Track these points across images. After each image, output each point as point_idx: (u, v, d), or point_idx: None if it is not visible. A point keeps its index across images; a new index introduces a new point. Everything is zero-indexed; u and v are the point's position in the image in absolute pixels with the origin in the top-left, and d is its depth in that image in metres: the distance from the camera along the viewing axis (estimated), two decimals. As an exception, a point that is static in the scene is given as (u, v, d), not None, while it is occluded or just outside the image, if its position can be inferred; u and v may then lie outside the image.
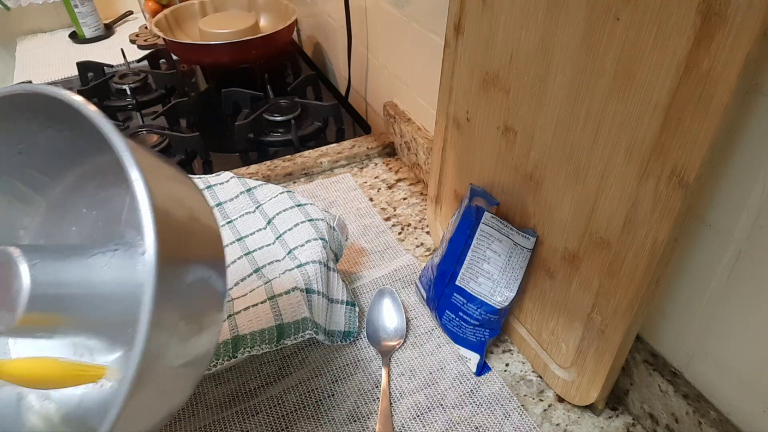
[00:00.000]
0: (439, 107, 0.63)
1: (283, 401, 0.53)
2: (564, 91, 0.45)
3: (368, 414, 0.52)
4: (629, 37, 0.38)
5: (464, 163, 0.61)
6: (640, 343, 0.48)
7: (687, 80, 0.34)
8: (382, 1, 0.83)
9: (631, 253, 0.41)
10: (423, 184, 0.81)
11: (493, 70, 0.53)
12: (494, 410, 0.51)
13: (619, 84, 0.39)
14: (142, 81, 1.11)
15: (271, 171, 0.83)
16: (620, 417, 0.51)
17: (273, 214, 0.62)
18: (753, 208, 0.37)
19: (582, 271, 0.47)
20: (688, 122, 0.35)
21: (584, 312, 0.48)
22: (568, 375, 0.51)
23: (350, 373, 0.55)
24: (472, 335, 0.54)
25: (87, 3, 1.35)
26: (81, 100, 0.30)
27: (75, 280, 0.35)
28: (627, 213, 0.41)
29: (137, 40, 1.35)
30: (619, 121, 0.40)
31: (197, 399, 0.53)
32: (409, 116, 0.83)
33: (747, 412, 0.41)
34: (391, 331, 0.58)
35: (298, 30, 1.36)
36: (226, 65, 1.10)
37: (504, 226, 0.53)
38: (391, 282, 0.64)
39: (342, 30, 1.02)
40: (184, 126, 1.01)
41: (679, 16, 0.34)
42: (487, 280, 0.53)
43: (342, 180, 0.83)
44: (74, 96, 0.30)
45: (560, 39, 0.44)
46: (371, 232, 0.73)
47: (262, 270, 0.59)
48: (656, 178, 0.38)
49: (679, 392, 0.44)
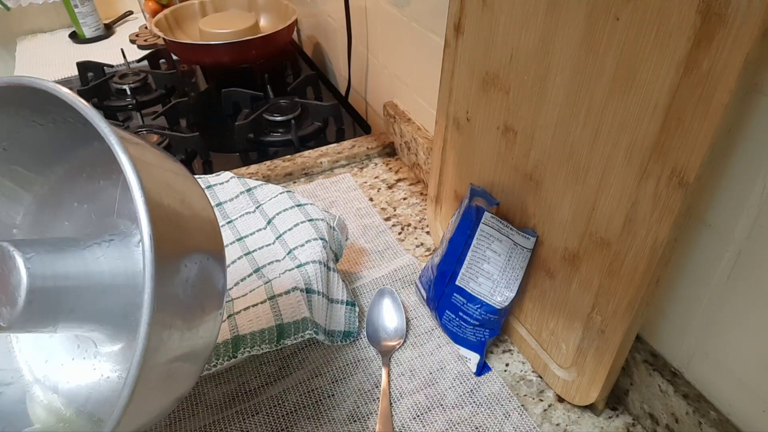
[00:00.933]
0: (439, 107, 0.63)
1: (283, 401, 0.53)
2: (564, 91, 0.45)
3: (368, 414, 0.52)
4: (629, 37, 0.38)
5: (464, 163, 0.61)
6: (640, 343, 0.48)
7: (687, 80, 0.34)
8: (382, 1, 0.83)
9: (631, 253, 0.41)
10: (423, 184, 0.81)
11: (493, 70, 0.53)
12: (494, 410, 0.51)
13: (619, 84, 0.39)
14: (142, 81, 1.11)
15: (271, 171, 0.83)
16: (620, 417, 0.51)
17: (273, 214, 0.62)
18: (753, 208, 0.37)
19: (582, 271, 0.47)
20: (688, 122, 0.35)
21: (584, 312, 0.48)
22: (568, 375, 0.51)
23: (350, 373, 0.55)
24: (472, 335, 0.54)
25: (87, 3, 1.35)
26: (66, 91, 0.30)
27: (73, 272, 0.35)
28: (627, 213, 0.41)
29: (137, 40, 1.35)
30: (619, 121, 0.40)
31: (197, 399, 0.53)
32: (409, 116, 0.83)
33: (747, 412, 0.41)
34: (391, 331, 0.58)
35: (298, 30, 1.36)
36: (226, 65, 1.10)
37: (504, 226, 0.53)
38: (391, 282, 0.64)
39: (342, 30, 1.02)
40: (184, 126, 1.01)
41: (679, 16, 0.34)
42: (487, 280, 0.53)
43: (342, 180, 0.83)
44: (60, 87, 0.30)
45: (560, 39, 0.44)
46: (371, 232, 0.73)
47: (262, 270, 0.59)
48: (656, 178, 0.38)
49: (679, 392, 0.44)
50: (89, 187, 0.41)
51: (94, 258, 0.36)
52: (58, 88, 0.30)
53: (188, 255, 0.31)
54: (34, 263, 0.32)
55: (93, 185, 0.41)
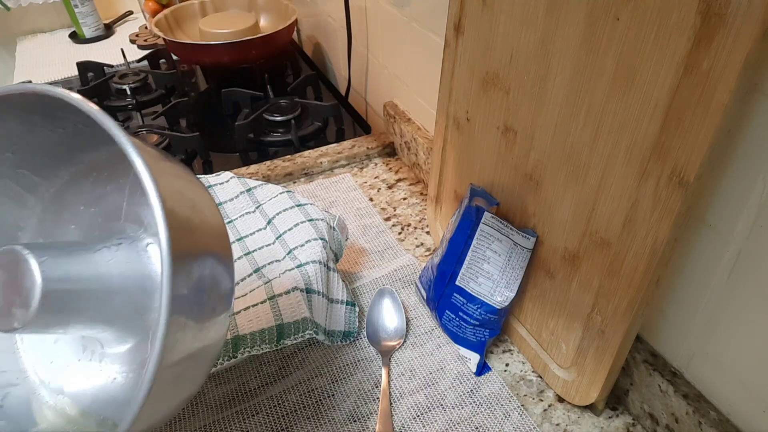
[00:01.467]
0: (439, 107, 0.63)
1: (283, 401, 0.53)
2: (564, 91, 0.45)
3: (368, 414, 0.52)
4: (629, 37, 0.38)
5: (464, 163, 0.61)
6: (640, 343, 0.48)
7: (687, 80, 0.34)
8: (382, 1, 0.83)
9: (631, 253, 0.41)
10: (423, 184, 0.81)
11: (493, 70, 0.53)
12: (494, 410, 0.51)
13: (619, 84, 0.39)
14: (142, 81, 1.11)
15: (271, 171, 0.83)
16: (620, 417, 0.51)
17: (273, 214, 0.62)
18: (753, 208, 0.37)
19: (582, 271, 0.47)
20: (688, 122, 0.35)
21: (584, 312, 0.48)
22: (568, 375, 0.51)
23: (350, 373, 0.55)
24: (472, 335, 0.54)
25: (87, 3, 1.35)
26: (80, 98, 0.30)
27: (83, 274, 0.36)
28: (627, 213, 0.41)
29: (137, 40, 1.35)
30: (619, 121, 0.40)
31: (197, 399, 0.53)
32: (409, 116, 0.83)
33: (747, 412, 0.41)
34: (391, 331, 0.58)
35: (298, 30, 1.36)
36: (226, 65, 1.09)
37: (504, 226, 0.53)
38: (391, 282, 0.64)
39: (342, 30, 1.02)
40: (184, 126, 1.01)
41: (679, 16, 0.34)
42: (487, 280, 0.53)
43: (342, 180, 0.83)
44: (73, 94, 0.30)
45: (560, 39, 0.44)
46: (371, 232, 0.73)
47: (262, 270, 0.59)
48: (656, 178, 0.38)
49: (679, 392, 0.44)
50: (96, 191, 0.42)
51: (103, 261, 0.37)
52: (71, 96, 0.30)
53: (200, 258, 0.32)
54: (47, 266, 0.33)
55: (100, 189, 0.41)
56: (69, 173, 0.42)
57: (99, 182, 0.41)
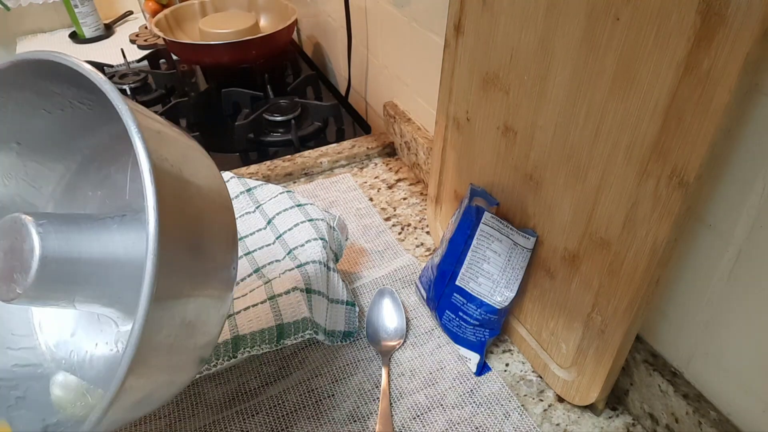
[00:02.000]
0: (439, 107, 0.63)
1: (283, 401, 0.53)
2: (564, 91, 0.45)
3: (368, 414, 0.52)
4: (629, 37, 0.38)
5: (464, 163, 0.61)
6: (640, 343, 0.48)
7: (687, 80, 0.34)
8: (382, 1, 0.83)
9: (631, 253, 0.41)
10: (423, 184, 0.81)
11: (493, 70, 0.53)
12: (494, 410, 0.51)
13: (619, 84, 0.39)
14: (142, 81, 1.11)
15: (271, 171, 0.83)
16: (620, 417, 0.51)
17: (273, 214, 0.62)
18: (753, 208, 0.37)
19: (582, 271, 0.47)
20: (688, 122, 0.35)
21: (584, 312, 0.48)
22: (568, 375, 0.51)
23: (350, 373, 0.55)
24: (472, 335, 0.54)
25: (87, 3, 1.35)
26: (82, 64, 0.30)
27: (86, 241, 0.35)
28: (627, 213, 0.41)
29: (137, 40, 1.35)
30: (619, 121, 0.40)
31: (197, 399, 0.53)
32: (409, 116, 0.83)
33: (747, 412, 0.41)
34: (391, 331, 0.58)
35: (298, 30, 1.36)
36: (226, 65, 1.09)
37: (504, 226, 0.53)
38: (391, 282, 0.64)
39: (342, 30, 1.02)
40: (184, 126, 1.01)
41: (679, 16, 0.34)
42: (487, 280, 0.53)
43: (342, 180, 0.83)
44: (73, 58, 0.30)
45: (560, 39, 0.44)
46: (371, 232, 0.73)
47: (262, 270, 0.59)
48: (656, 178, 0.38)
49: (679, 392, 0.44)
50: (100, 173, 0.42)
51: (107, 230, 0.36)
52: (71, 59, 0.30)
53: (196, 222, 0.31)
54: (46, 229, 0.33)
55: (104, 171, 0.42)
56: (76, 162, 0.42)
57: (103, 164, 0.42)
